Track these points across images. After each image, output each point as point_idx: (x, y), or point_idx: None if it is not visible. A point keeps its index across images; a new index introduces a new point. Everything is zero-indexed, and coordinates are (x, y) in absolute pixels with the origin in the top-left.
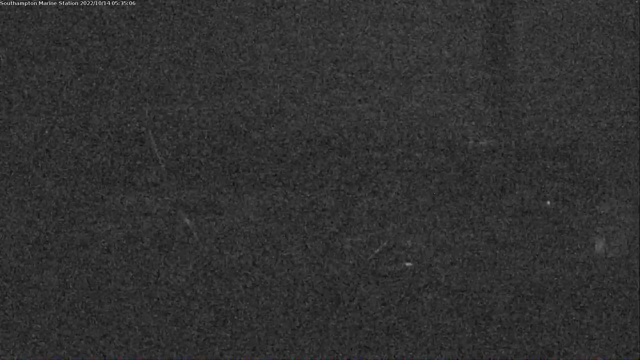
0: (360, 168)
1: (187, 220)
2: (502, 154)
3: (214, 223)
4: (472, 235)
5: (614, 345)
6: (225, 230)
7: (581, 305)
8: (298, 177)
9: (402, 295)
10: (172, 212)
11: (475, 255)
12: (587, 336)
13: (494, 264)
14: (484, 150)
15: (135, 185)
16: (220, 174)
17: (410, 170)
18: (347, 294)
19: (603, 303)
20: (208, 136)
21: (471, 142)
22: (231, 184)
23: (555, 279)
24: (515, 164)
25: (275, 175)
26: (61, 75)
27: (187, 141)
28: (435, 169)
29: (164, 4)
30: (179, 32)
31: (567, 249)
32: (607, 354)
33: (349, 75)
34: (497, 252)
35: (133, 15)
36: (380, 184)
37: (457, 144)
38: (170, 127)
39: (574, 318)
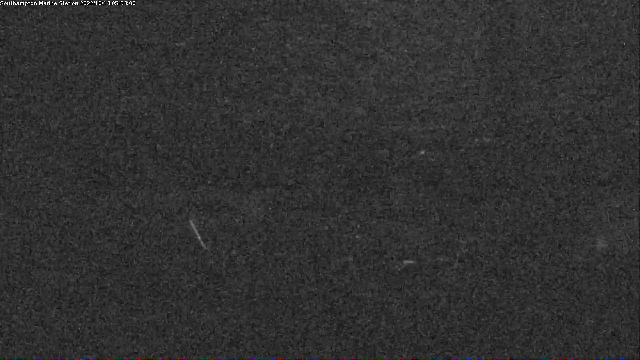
0: (362, 167)
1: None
2: (503, 152)
3: (216, 222)
4: (472, 233)
5: (614, 345)
6: (227, 229)
7: (582, 304)
8: (301, 176)
9: (402, 293)
10: (176, 211)
11: (476, 253)
12: (587, 336)
13: (494, 262)
14: (485, 148)
15: (138, 184)
16: (222, 173)
17: (412, 169)
18: (349, 292)
19: (604, 302)
20: (210, 135)
21: (473, 139)
22: (234, 183)
23: (556, 277)
24: (515, 162)
25: (279, 174)
26: (61, 75)
27: (190, 140)
28: (436, 167)
29: (164, 4)
30: (180, 32)
31: (567, 247)
32: (607, 354)
33: (350, 75)
34: (497, 250)
35: (133, 16)
36: (382, 182)
37: (458, 142)
38: (172, 126)
39: (574, 317)
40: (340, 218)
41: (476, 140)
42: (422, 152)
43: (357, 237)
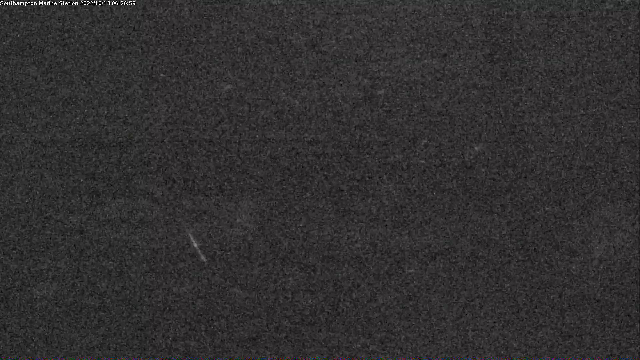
0: (356, 172)
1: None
2: (500, 157)
3: (209, 230)
4: (470, 240)
5: (612, 351)
6: (220, 237)
7: (580, 308)
8: (294, 182)
9: (401, 300)
10: (170, 220)
11: (473, 260)
12: (586, 340)
13: (492, 269)
14: (481, 154)
15: (131, 192)
16: (214, 180)
17: (407, 174)
18: (346, 299)
19: (602, 307)
20: (202, 142)
21: (469, 147)
22: (226, 190)
23: (554, 284)
24: (513, 167)
25: (271, 180)
26: (59, 78)
27: (182, 147)
28: (432, 173)
29: (164, 4)
30: (177, 36)
31: (565, 253)
32: (606, 356)
33: (345, 80)
34: (495, 257)
35: (133, 16)
36: (377, 188)
37: (454, 147)
38: (165, 133)
39: (572, 322)
40: (334, 225)
41: (474, 147)
42: (422, 161)
43: (356, 245)
